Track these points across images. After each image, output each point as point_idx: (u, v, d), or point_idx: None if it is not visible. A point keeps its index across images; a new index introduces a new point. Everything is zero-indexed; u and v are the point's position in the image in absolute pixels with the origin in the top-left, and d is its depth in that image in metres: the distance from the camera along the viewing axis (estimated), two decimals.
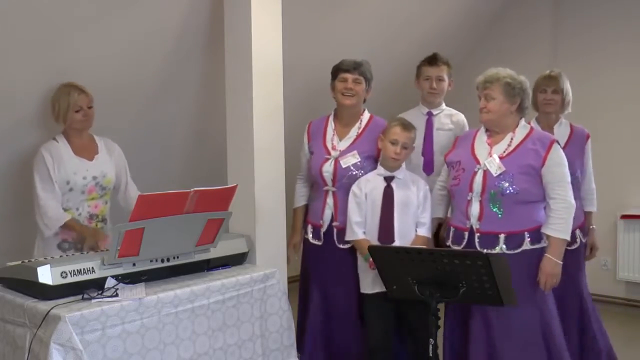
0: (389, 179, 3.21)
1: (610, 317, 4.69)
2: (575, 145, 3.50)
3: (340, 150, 3.39)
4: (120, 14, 3.22)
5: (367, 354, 3.30)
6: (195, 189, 2.72)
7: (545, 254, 2.96)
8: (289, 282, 3.45)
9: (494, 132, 3.09)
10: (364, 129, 3.43)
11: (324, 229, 3.40)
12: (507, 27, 5.41)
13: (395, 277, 2.80)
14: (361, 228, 3.20)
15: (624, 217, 4.86)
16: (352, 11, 4.23)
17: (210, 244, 2.95)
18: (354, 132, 3.43)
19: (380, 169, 3.25)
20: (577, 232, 3.45)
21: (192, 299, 2.75)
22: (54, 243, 3.17)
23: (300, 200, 3.59)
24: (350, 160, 3.35)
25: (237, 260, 3.18)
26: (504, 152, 3.01)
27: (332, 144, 3.42)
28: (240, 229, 3.29)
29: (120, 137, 3.48)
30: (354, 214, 3.21)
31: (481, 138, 3.12)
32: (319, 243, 3.43)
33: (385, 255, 2.85)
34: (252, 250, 3.26)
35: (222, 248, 3.03)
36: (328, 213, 3.39)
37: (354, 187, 3.25)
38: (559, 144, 3.06)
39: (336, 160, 3.36)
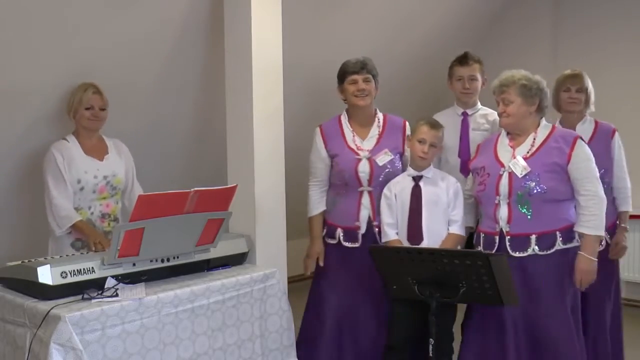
0: (417, 179, 3.20)
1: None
2: (599, 142, 3.42)
3: (368, 150, 3.35)
4: (120, 14, 3.22)
5: (383, 350, 3.23)
6: (196, 189, 2.72)
7: (579, 252, 2.93)
8: (289, 282, 3.45)
9: (516, 135, 3.06)
10: (383, 127, 3.41)
11: (362, 231, 3.33)
12: (507, 27, 5.40)
13: (396, 277, 2.80)
14: (393, 229, 3.20)
15: None
16: (352, 11, 4.22)
17: (210, 244, 2.95)
18: (374, 131, 3.40)
19: (409, 170, 3.25)
20: (604, 233, 3.15)
21: (192, 299, 2.75)
22: (67, 242, 3.17)
23: (319, 207, 3.45)
24: (385, 157, 3.32)
25: (237, 260, 3.17)
26: (528, 152, 2.99)
27: (356, 144, 3.38)
28: (240, 229, 3.29)
29: (120, 137, 3.48)
30: (385, 216, 3.22)
31: (503, 142, 3.09)
32: (356, 245, 3.34)
33: (386, 255, 2.85)
34: (252, 250, 3.26)
35: (222, 248, 3.03)
36: (365, 214, 3.33)
37: (385, 190, 3.25)
38: (583, 139, 3.02)
39: (370, 159, 3.32)
